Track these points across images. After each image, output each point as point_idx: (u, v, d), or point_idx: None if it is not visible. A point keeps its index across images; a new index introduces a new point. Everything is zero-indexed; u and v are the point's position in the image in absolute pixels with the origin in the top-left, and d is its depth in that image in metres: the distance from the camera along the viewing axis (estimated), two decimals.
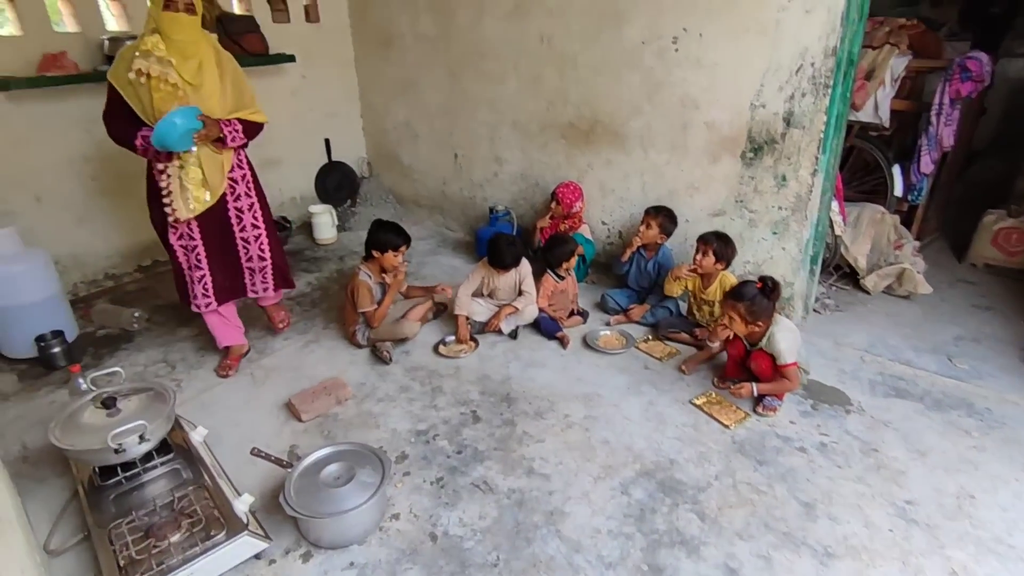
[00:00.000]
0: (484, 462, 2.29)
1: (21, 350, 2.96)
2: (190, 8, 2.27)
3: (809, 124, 2.77)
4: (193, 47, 2.31)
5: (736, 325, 2.48)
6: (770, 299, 2.43)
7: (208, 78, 2.36)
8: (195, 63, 2.32)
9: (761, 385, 2.49)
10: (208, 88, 2.37)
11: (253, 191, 2.66)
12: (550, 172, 3.86)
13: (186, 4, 2.25)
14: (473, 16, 3.82)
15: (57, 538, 1.96)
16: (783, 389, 2.50)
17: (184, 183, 2.41)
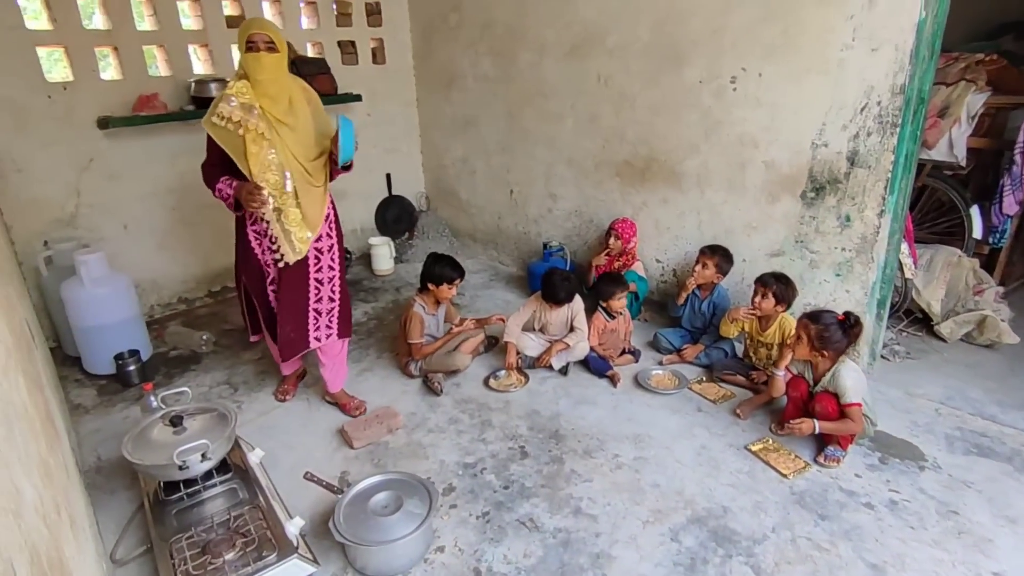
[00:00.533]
0: (531, 499, 2.26)
1: (101, 367, 3.17)
2: (271, 48, 2.24)
3: (875, 163, 2.69)
4: (278, 86, 2.28)
5: (801, 347, 2.40)
6: (847, 335, 2.35)
7: (301, 116, 2.34)
8: (284, 102, 2.30)
9: (823, 423, 2.37)
10: (303, 127, 2.35)
11: (334, 232, 2.58)
12: (604, 209, 3.87)
13: (267, 44, 2.23)
14: (533, 57, 3.94)
15: (122, 548, 2.06)
16: (846, 430, 2.37)
17: (286, 226, 2.36)
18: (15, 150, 3.24)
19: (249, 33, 2.21)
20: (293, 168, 2.32)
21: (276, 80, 2.28)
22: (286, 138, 2.30)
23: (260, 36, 2.21)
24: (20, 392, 1.24)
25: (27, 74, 3.19)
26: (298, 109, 2.34)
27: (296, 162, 2.33)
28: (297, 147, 2.33)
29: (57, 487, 1.27)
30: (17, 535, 0.73)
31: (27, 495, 0.91)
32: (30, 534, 0.81)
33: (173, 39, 3.65)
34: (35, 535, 0.84)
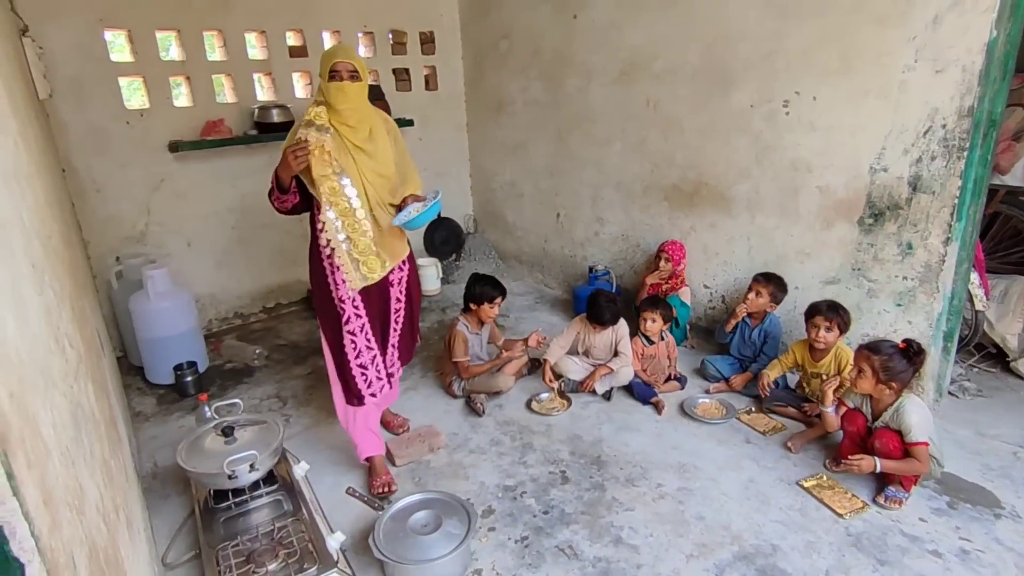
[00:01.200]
0: (570, 525, 2.22)
1: (162, 377, 3.32)
2: (354, 76, 2.17)
3: (940, 189, 2.57)
4: (359, 115, 2.22)
5: (864, 381, 2.26)
6: (911, 364, 2.22)
7: (381, 146, 2.27)
8: (365, 130, 2.24)
9: (886, 462, 2.22)
10: (383, 156, 2.27)
11: (407, 264, 2.49)
12: (652, 234, 3.84)
13: (350, 73, 2.16)
14: (581, 83, 3.98)
15: (173, 553, 2.13)
16: (911, 470, 2.22)
17: (354, 255, 2.25)
18: (95, 171, 3.49)
19: (333, 62, 2.15)
20: (368, 196, 2.25)
21: (357, 109, 2.21)
22: (362, 165, 2.22)
23: (344, 65, 2.15)
24: (89, 397, 1.31)
25: (109, 102, 3.44)
26: (378, 138, 2.27)
27: (372, 190, 2.25)
28: (374, 175, 2.24)
29: (117, 489, 1.34)
30: (79, 530, 0.77)
31: (90, 494, 0.95)
32: (91, 531, 0.85)
33: (240, 68, 3.87)
34: (95, 532, 0.88)
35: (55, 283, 1.25)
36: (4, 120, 1.17)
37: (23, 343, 0.74)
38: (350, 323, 2.33)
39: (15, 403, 0.60)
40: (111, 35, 3.47)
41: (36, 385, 0.75)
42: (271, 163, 4.06)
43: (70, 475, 0.81)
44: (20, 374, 0.67)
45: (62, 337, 1.13)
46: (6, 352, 0.63)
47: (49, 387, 0.85)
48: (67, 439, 0.87)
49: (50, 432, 0.75)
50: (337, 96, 2.16)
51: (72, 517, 0.74)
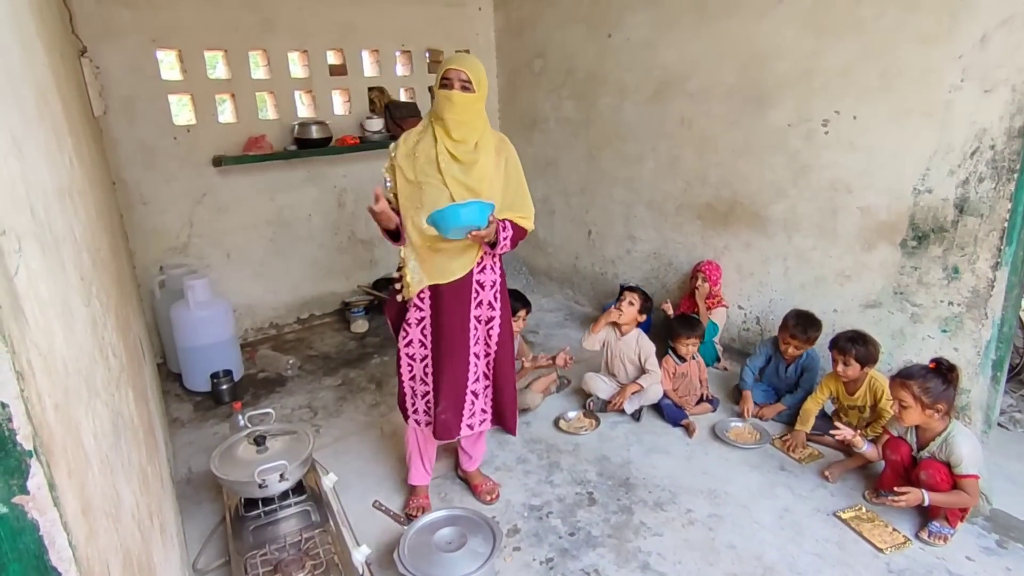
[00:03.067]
0: (597, 548, 2.18)
1: (199, 384, 3.41)
2: (466, 87, 2.01)
3: (988, 212, 2.48)
4: (466, 128, 2.05)
5: (909, 412, 2.14)
6: (948, 381, 2.11)
7: (484, 160, 2.08)
8: (471, 143, 2.07)
9: (935, 495, 2.11)
10: (478, 171, 2.07)
11: (498, 304, 2.24)
12: (684, 252, 3.79)
13: (462, 83, 2.01)
14: (615, 101, 3.99)
15: (204, 559, 2.17)
16: (959, 503, 2.11)
17: (415, 262, 2.13)
18: (143, 185, 3.63)
19: (447, 69, 2.02)
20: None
21: (464, 122, 2.04)
22: (449, 173, 2.04)
23: (456, 73, 2.00)
24: (129, 404, 1.36)
25: (159, 118, 3.59)
26: (482, 153, 2.08)
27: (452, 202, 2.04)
28: (458, 186, 2.05)
29: (152, 495, 1.37)
30: (114, 538, 0.79)
31: (126, 501, 0.98)
32: (125, 538, 0.87)
33: (282, 86, 4.00)
34: (129, 539, 0.90)
35: (102, 294, 1.30)
36: (61, 138, 1.23)
37: (70, 353, 0.78)
38: (411, 346, 2.23)
39: (60, 413, 0.62)
40: (162, 55, 3.63)
41: (80, 395, 0.78)
42: (309, 178, 4.22)
43: (108, 483, 0.84)
44: (66, 384, 0.70)
45: (106, 346, 1.18)
46: (54, 363, 0.66)
47: (92, 396, 0.88)
48: (107, 447, 0.90)
49: (91, 441, 0.78)
50: (444, 104, 2.03)
51: (108, 525, 0.76)
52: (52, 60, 1.40)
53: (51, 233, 0.84)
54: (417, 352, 2.24)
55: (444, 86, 2.03)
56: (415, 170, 2.07)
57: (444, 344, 2.18)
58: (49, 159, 1.00)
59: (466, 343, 2.19)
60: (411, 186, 2.08)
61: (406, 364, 2.26)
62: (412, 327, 2.22)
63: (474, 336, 2.21)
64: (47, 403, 0.58)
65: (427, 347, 2.22)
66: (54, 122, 1.17)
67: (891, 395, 2.24)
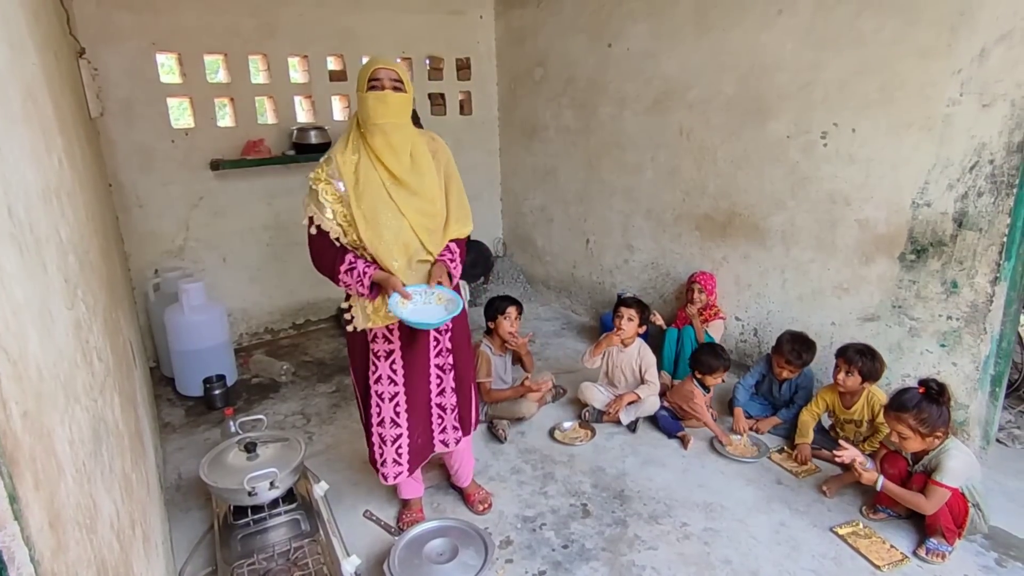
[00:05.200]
0: (590, 562, 2.15)
1: (191, 389, 3.38)
2: (398, 87, 1.87)
3: (987, 226, 2.47)
4: (401, 135, 1.90)
5: (910, 443, 2.13)
6: (941, 404, 2.09)
7: (427, 177, 1.95)
8: (406, 157, 1.91)
9: (888, 485, 2.13)
10: (429, 190, 1.95)
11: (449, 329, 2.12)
12: (683, 263, 3.78)
13: (393, 82, 1.86)
14: (613, 110, 3.99)
15: (191, 568, 2.13)
16: (914, 505, 2.10)
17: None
18: (139, 188, 3.62)
19: (374, 69, 1.85)
20: (407, 240, 1.92)
21: (400, 127, 1.90)
22: (403, 201, 1.90)
23: (387, 72, 1.85)
24: (114, 409, 1.33)
25: (157, 121, 3.58)
26: (422, 166, 1.95)
27: (412, 233, 1.92)
28: (418, 215, 1.93)
29: (135, 502, 1.34)
30: (88, 549, 0.76)
31: (105, 509, 0.96)
32: (101, 549, 0.85)
33: (282, 91, 4.00)
34: (106, 550, 0.88)
35: (88, 297, 1.28)
36: (50, 139, 1.21)
37: (46, 358, 0.75)
38: (380, 383, 2.03)
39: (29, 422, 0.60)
40: (162, 58, 3.62)
41: (55, 401, 0.76)
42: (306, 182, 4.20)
43: (84, 492, 0.81)
44: (39, 390, 0.68)
45: (91, 351, 1.15)
46: (26, 369, 0.64)
47: (71, 402, 0.86)
48: (85, 454, 0.88)
49: (65, 449, 0.75)
50: (377, 107, 1.85)
51: (81, 536, 0.74)
52: (44, 60, 1.39)
53: (32, 234, 0.82)
54: (387, 390, 2.03)
55: (374, 87, 1.85)
56: (366, 201, 1.88)
57: (413, 377, 2.04)
58: (35, 159, 0.99)
59: (427, 356, 2.06)
60: (367, 222, 1.88)
61: (375, 405, 2.05)
62: (380, 361, 2.01)
63: (435, 349, 2.08)
64: (14, 411, 0.55)
65: (398, 383, 2.03)
66: (42, 122, 1.15)
67: (888, 426, 2.22)
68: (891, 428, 2.18)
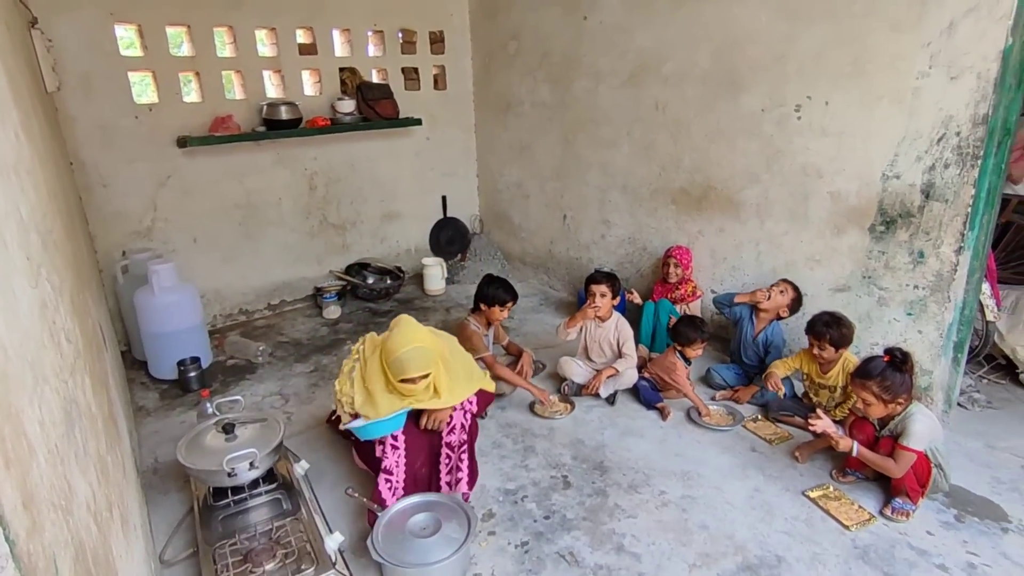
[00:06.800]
0: (572, 531, 2.19)
1: (165, 372, 3.32)
2: (425, 376, 2.14)
3: (953, 197, 2.53)
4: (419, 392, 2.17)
5: (873, 409, 2.22)
6: (903, 371, 2.18)
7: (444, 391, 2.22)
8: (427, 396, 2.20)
9: (862, 449, 2.19)
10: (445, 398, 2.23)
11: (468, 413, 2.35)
12: (659, 237, 3.80)
13: (423, 378, 2.13)
14: (589, 85, 3.96)
15: (171, 550, 2.12)
16: (885, 469, 2.19)
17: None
18: (102, 166, 3.49)
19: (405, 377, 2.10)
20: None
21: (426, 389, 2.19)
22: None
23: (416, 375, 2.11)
24: (85, 392, 1.30)
25: (118, 96, 3.45)
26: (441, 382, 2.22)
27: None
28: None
29: (112, 485, 1.32)
30: (64, 531, 0.75)
31: (80, 492, 0.94)
32: (78, 531, 0.83)
33: (249, 65, 3.87)
34: (83, 532, 0.86)
35: (53, 276, 1.24)
36: (5, 112, 1.16)
37: (12, 337, 0.73)
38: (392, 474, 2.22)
39: None
40: (122, 30, 3.47)
41: (23, 382, 0.74)
42: (278, 160, 4.12)
43: (57, 474, 0.79)
44: (5, 370, 0.66)
45: (58, 331, 1.12)
46: None
47: (39, 383, 0.83)
48: (57, 436, 0.85)
49: (36, 430, 0.73)
50: (407, 393, 2.15)
51: (57, 518, 0.72)
52: None
53: None
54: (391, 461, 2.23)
55: (406, 382, 2.11)
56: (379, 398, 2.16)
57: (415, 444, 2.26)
58: None
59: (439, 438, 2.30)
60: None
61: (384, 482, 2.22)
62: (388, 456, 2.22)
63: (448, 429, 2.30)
64: None
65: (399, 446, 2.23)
66: None
67: (854, 393, 2.30)
68: (856, 395, 2.27)
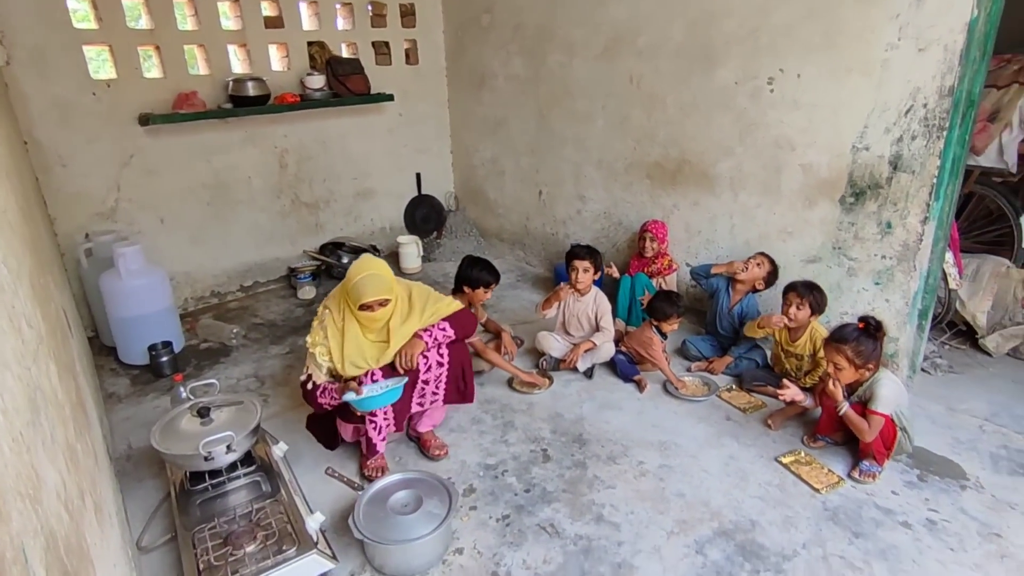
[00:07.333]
0: (552, 504, 2.23)
1: (135, 357, 3.25)
2: (384, 303, 2.21)
3: (920, 168, 2.58)
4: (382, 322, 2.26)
5: (844, 373, 2.28)
6: (876, 339, 2.25)
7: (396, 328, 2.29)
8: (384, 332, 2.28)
9: (849, 412, 2.25)
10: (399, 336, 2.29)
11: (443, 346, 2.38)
12: (634, 212, 3.82)
13: (381, 303, 2.20)
14: (563, 58, 3.91)
15: (148, 536, 2.10)
16: (858, 430, 2.26)
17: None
18: (60, 145, 3.35)
19: (364, 302, 2.16)
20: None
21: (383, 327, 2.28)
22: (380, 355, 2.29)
23: (374, 300, 2.18)
24: (51, 378, 1.26)
25: (74, 72, 3.29)
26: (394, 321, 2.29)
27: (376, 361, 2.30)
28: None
29: (83, 473, 1.29)
30: (33, 520, 0.73)
31: (49, 480, 0.92)
32: (48, 519, 0.81)
33: (213, 39, 3.73)
34: (53, 521, 0.84)
35: (10, 259, 1.19)
36: None
37: None
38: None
39: None
40: (73, 1, 3.30)
41: None
42: (247, 138, 4.00)
43: (24, 462, 0.77)
44: None
45: (18, 316, 1.08)
46: None
47: (1, 368, 0.81)
48: (21, 424, 0.83)
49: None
50: (369, 323, 2.24)
51: (24, 507, 0.70)
52: None
53: None
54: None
55: (364, 308, 2.19)
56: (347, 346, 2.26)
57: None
58: None
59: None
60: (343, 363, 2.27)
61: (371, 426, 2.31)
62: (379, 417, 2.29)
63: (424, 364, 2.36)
64: None
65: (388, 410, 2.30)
66: None
67: (826, 357, 2.35)
68: (829, 358, 2.32)
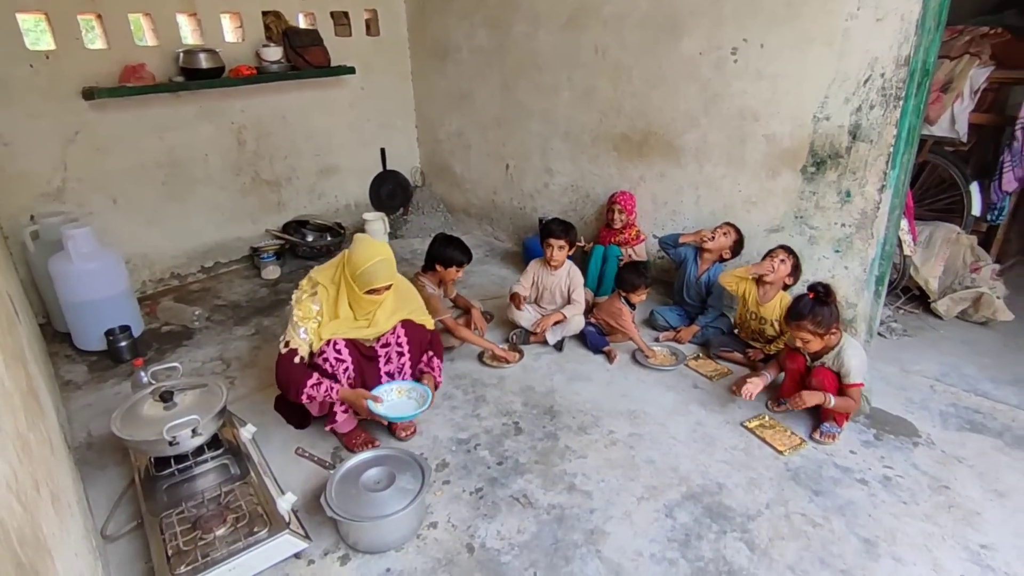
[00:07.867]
0: (524, 475, 2.25)
1: (92, 343, 3.13)
2: (389, 287, 2.29)
3: (877, 137, 2.63)
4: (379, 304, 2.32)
5: (813, 344, 2.36)
6: (828, 304, 2.32)
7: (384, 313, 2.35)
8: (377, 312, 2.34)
9: (837, 401, 2.32)
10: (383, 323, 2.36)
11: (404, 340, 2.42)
12: (601, 184, 3.82)
13: (387, 287, 2.27)
14: (528, 29, 3.84)
15: (113, 524, 2.05)
16: (846, 408, 2.35)
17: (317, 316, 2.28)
18: None
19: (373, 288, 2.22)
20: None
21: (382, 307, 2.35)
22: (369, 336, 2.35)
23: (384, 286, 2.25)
24: None
25: (7, 41, 3.09)
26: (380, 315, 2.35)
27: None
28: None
29: (37, 463, 1.25)
30: None
31: None
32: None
33: (159, 7, 3.54)
34: (4, 512, 0.81)
35: None
36: None
37: None
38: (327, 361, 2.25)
39: None
40: None
41: None
42: (201, 113, 3.85)
43: None
44: None
45: None
46: None
47: None
48: None
49: None
50: (368, 305, 2.28)
51: None
52: None
53: None
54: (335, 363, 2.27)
55: (372, 292, 2.24)
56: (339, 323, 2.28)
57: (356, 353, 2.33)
58: None
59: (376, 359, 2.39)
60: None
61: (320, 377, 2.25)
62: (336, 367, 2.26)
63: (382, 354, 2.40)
64: None
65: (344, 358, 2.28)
66: None
67: (792, 334, 2.41)
68: (795, 336, 2.40)
